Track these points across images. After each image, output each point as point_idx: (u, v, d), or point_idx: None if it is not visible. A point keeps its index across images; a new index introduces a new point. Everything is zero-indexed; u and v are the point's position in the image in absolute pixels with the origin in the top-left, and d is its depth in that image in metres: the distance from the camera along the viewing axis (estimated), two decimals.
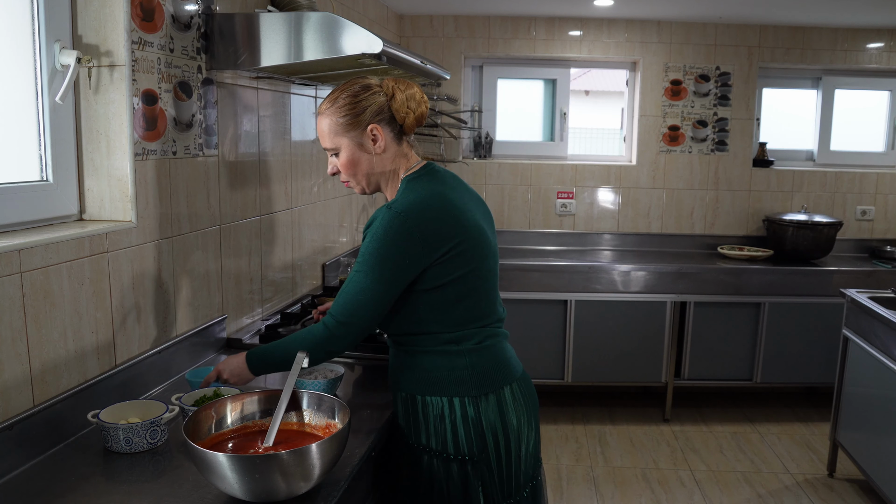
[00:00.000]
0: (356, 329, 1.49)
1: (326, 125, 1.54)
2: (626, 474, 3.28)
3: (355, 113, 1.51)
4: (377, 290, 1.46)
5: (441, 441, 1.52)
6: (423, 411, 1.54)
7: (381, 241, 1.45)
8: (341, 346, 1.50)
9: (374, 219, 1.49)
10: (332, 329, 1.48)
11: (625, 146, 4.39)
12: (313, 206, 2.77)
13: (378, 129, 1.52)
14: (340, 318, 1.48)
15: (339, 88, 1.55)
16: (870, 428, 2.89)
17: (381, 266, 1.45)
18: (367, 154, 1.54)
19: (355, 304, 1.47)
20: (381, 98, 1.53)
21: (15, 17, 1.42)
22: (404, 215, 1.45)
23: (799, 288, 3.77)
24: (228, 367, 1.57)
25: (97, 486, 1.27)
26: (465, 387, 1.51)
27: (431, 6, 3.84)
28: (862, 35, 4.13)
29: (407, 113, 1.54)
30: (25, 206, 1.43)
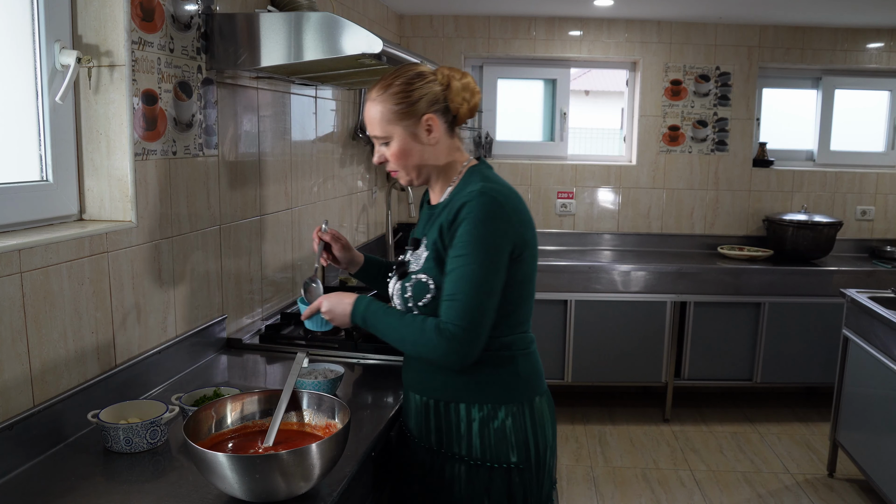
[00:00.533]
0: (486, 330, 1.38)
1: (378, 113, 1.45)
2: (626, 474, 3.28)
3: (410, 101, 1.43)
4: (497, 279, 1.38)
5: (483, 449, 1.46)
6: (461, 419, 1.47)
7: (486, 224, 1.37)
8: (473, 355, 1.39)
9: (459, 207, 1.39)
10: (460, 339, 1.35)
11: (625, 146, 4.39)
12: (313, 206, 2.77)
13: (434, 120, 1.45)
14: (465, 322, 1.35)
15: (391, 74, 1.47)
16: (870, 428, 2.89)
17: (489, 251, 1.36)
18: (420, 145, 1.47)
19: (477, 301, 1.36)
20: (437, 87, 1.46)
21: (15, 17, 1.42)
22: (500, 199, 1.39)
23: (799, 288, 3.77)
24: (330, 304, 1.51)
25: (97, 486, 1.27)
26: (514, 394, 1.46)
27: (431, 6, 3.84)
28: (862, 35, 4.13)
29: (461, 103, 1.47)
30: (25, 206, 1.43)
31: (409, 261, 1.53)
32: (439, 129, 1.47)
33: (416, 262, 1.50)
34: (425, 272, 1.45)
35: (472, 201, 1.38)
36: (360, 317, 1.48)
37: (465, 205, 1.39)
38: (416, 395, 1.54)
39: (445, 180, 1.53)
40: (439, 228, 1.44)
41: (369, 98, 1.47)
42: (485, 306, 1.37)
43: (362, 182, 3.43)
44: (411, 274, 1.48)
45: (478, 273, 1.36)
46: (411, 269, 1.50)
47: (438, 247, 1.44)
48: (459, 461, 1.47)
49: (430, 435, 1.51)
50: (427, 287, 1.44)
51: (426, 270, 1.45)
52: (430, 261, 1.45)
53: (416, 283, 1.45)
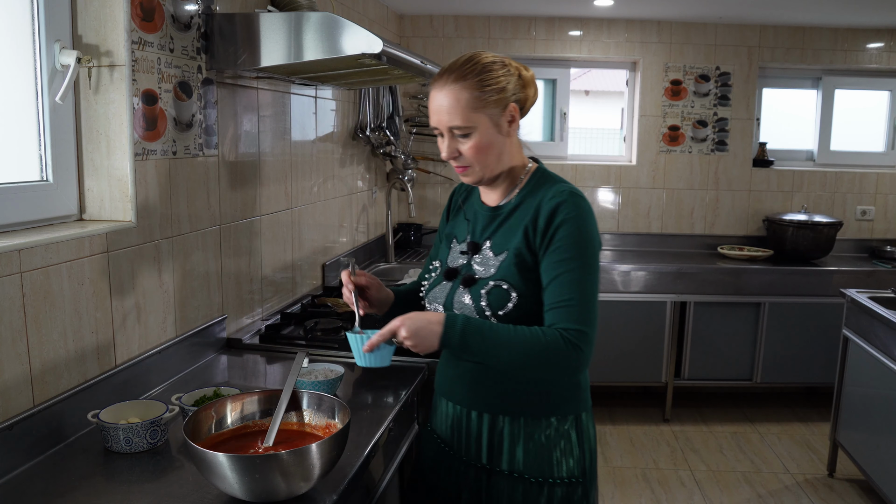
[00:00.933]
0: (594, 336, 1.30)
1: (462, 99, 1.32)
2: (626, 474, 3.27)
3: (497, 88, 1.33)
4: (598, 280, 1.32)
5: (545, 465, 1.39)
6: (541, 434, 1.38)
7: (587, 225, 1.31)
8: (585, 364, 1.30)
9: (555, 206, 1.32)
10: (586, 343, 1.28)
11: (625, 146, 4.39)
12: (313, 206, 2.77)
13: (516, 110, 1.36)
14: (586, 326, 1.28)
15: (461, 64, 1.34)
16: (870, 428, 2.89)
17: (595, 254, 1.32)
18: (502, 136, 1.36)
19: (592, 303, 1.29)
20: (513, 77, 1.36)
21: (15, 17, 1.42)
22: (587, 203, 1.34)
23: (799, 288, 3.77)
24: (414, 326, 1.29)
25: (97, 486, 1.27)
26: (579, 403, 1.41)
27: (431, 6, 3.84)
28: (862, 35, 4.13)
29: (530, 94, 1.39)
30: (25, 206, 1.43)
31: (469, 266, 1.43)
32: (517, 121, 1.39)
33: (485, 267, 1.40)
34: (504, 278, 1.36)
35: (567, 202, 1.32)
36: (457, 336, 1.29)
37: (561, 206, 1.31)
38: (464, 409, 1.45)
39: (511, 180, 1.44)
40: (524, 232, 1.35)
41: (442, 86, 1.34)
42: (596, 308, 1.31)
43: (362, 182, 3.43)
44: (485, 280, 1.38)
45: (588, 276, 1.30)
46: (479, 275, 1.39)
47: (523, 252, 1.35)
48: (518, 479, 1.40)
49: (480, 451, 1.43)
50: (508, 295, 1.34)
51: (506, 277, 1.35)
52: (510, 266, 1.36)
53: (495, 290, 1.35)
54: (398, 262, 3.63)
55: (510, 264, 1.36)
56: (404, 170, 3.72)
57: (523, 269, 1.35)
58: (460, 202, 1.56)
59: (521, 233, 1.35)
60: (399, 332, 1.29)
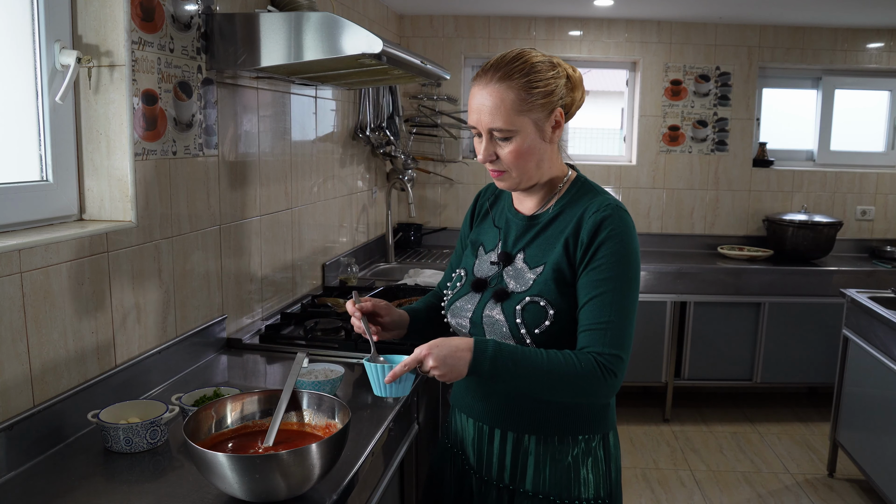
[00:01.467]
0: (627, 360, 1.24)
1: (508, 100, 1.23)
2: (626, 474, 3.27)
3: (548, 90, 1.24)
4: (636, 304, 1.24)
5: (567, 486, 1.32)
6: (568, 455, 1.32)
7: (632, 242, 1.24)
8: (617, 388, 1.24)
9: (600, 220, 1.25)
10: (621, 369, 1.21)
11: (625, 146, 4.39)
12: (313, 206, 2.77)
13: (562, 115, 1.28)
14: (622, 351, 1.22)
15: (508, 61, 1.26)
16: (870, 428, 2.89)
17: (637, 274, 1.25)
18: (543, 143, 1.28)
19: (630, 327, 1.22)
20: (562, 80, 1.28)
21: (15, 17, 1.42)
22: (629, 215, 1.28)
23: (799, 288, 3.77)
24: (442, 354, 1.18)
25: (97, 486, 1.27)
26: (605, 422, 1.35)
27: (431, 6, 3.84)
28: (862, 35, 4.13)
29: (578, 98, 1.31)
30: (25, 206, 1.43)
31: (501, 278, 1.34)
32: (562, 127, 1.30)
33: (519, 281, 1.31)
34: (541, 294, 1.27)
35: (613, 216, 1.24)
36: (487, 363, 1.19)
37: (606, 220, 1.24)
38: (487, 427, 1.38)
39: (549, 189, 1.36)
40: (564, 245, 1.27)
41: (486, 84, 1.25)
42: (631, 332, 1.24)
43: (362, 182, 3.43)
44: (518, 295, 1.29)
45: (628, 297, 1.22)
46: (513, 289, 1.31)
47: (562, 267, 1.26)
48: (543, 500, 1.33)
49: (503, 471, 1.36)
50: (545, 312, 1.25)
51: (543, 293, 1.27)
52: (547, 282, 1.27)
53: (530, 306, 1.27)
54: (398, 262, 3.63)
55: (548, 279, 1.27)
56: (404, 170, 3.72)
57: (561, 284, 1.26)
58: (487, 206, 1.46)
59: (562, 246, 1.27)
60: (426, 362, 1.19)
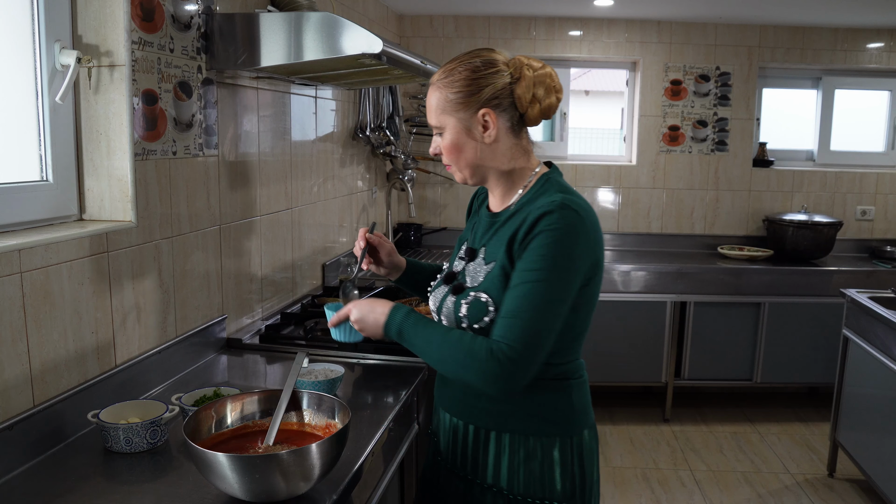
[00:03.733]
0: (542, 358, 1.23)
1: (435, 99, 1.33)
2: (626, 474, 3.27)
3: (469, 91, 1.29)
4: (565, 303, 1.23)
5: (532, 484, 1.33)
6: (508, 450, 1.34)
7: (567, 241, 1.22)
8: (522, 384, 1.23)
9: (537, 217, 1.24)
10: (513, 363, 1.20)
11: (625, 146, 4.39)
12: (313, 206, 2.77)
13: (491, 116, 1.30)
14: (522, 346, 1.20)
15: (458, 59, 1.33)
16: (870, 428, 2.89)
17: (569, 271, 1.22)
18: (474, 141, 1.32)
19: (542, 324, 1.21)
20: (505, 79, 1.30)
21: (15, 17, 1.42)
22: (583, 215, 1.25)
23: (799, 288, 3.77)
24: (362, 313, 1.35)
25: (97, 486, 1.27)
26: (566, 426, 1.35)
27: (431, 6, 3.84)
28: (862, 35, 4.13)
29: (532, 102, 1.31)
30: (25, 206, 1.43)
31: (464, 273, 1.39)
32: (498, 126, 1.32)
33: (473, 276, 1.35)
34: (485, 290, 1.30)
35: (553, 213, 1.23)
36: (395, 329, 1.32)
37: (545, 216, 1.23)
38: (455, 419, 1.41)
39: (511, 186, 1.38)
40: (508, 241, 1.28)
41: (431, 82, 1.36)
42: (547, 331, 1.22)
43: (362, 182, 3.43)
44: (468, 290, 1.33)
45: (547, 293, 1.21)
46: (467, 283, 1.35)
47: (505, 262, 1.28)
48: (498, 494, 1.35)
49: (466, 462, 1.39)
50: (486, 308, 1.28)
51: (487, 289, 1.30)
52: (493, 278, 1.29)
53: (474, 302, 1.30)
54: None
55: (495, 276, 1.30)
56: (404, 170, 3.72)
57: (505, 281, 1.28)
58: (476, 206, 1.52)
59: (506, 242, 1.29)
60: (351, 314, 1.38)
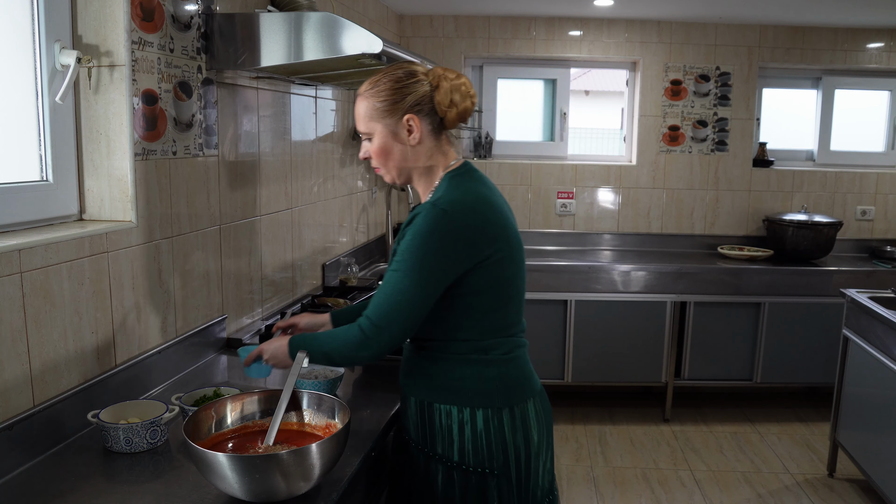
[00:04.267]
0: (390, 334, 1.38)
1: (363, 108, 1.46)
2: (626, 474, 3.28)
3: (394, 100, 1.43)
4: (418, 294, 1.37)
5: (461, 452, 1.45)
6: (442, 420, 1.46)
7: (426, 238, 1.37)
8: (373, 351, 1.40)
9: (414, 214, 1.41)
10: (366, 332, 1.39)
11: (625, 146, 4.39)
12: (313, 206, 2.77)
13: (415, 120, 1.44)
14: (375, 320, 1.38)
15: (382, 71, 1.47)
16: (870, 428, 2.89)
17: (423, 267, 1.37)
18: (401, 144, 1.46)
19: (393, 307, 1.37)
20: (425, 87, 1.44)
21: (15, 17, 1.42)
22: (451, 213, 1.38)
23: (799, 288, 3.77)
24: (270, 348, 1.51)
25: (97, 486, 1.27)
26: (492, 398, 1.45)
27: (431, 6, 3.84)
28: (862, 35, 4.13)
29: (449, 107, 1.45)
30: (25, 206, 1.43)
31: None
32: (421, 130, 1.45)
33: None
34: None
35: (422, 214, 1.39)
36: (295, 344, 1.47)
37: (415, 218, 1.39)
38: (407, 395, 1.54)
39: (428, 184, 1.52)
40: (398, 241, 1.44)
41: (359, 92, 1.48)
42: (399, 310, 1.37)
43: (362, 182, 3.43)
44: None
45: (401, 282, 1.37)
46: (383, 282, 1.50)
47: None
48: (439, 461, 1.47)
49: (423, 437, 1.50)
50: None
51: None
52: None
53: None
54: None
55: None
56: None
57: None
58: None
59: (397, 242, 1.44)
60: (263, 353, 1.51)
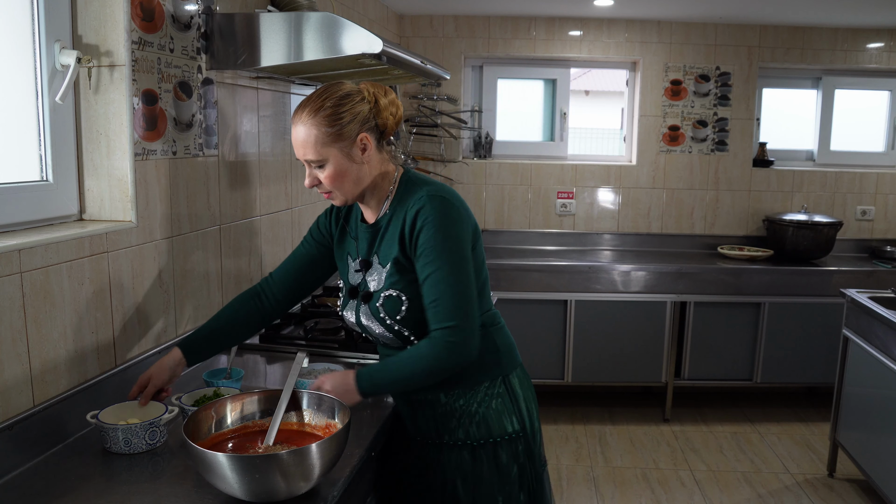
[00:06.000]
0: (473, 327, 1.43)
1: (312, 136, 1.42)
2: (626, 474, 3.28)
3: (343, 123, 1.42)
4: (469, 277, 1.44)
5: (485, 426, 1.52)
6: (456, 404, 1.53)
7: (446, 227, 1.43)
8: (471, 351, 1.43)
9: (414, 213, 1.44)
10: (455, 338, 1.40)
11: (625, 146, 4.39)
12: (313, 206, 2.77)
13: (367, 138, 1.46)
14: (458, 322, 1.40)
15: (318, 96, 1.44)
16: (870, 428, 2.89)
17: (458, 251, 1.43)
18: (356, 164, 1.46)
19: (463, 301, 1.41)
20: (366, 105, 1.46)
21: (15, 17, 1.42)
22: (449, 198, 1.46)
23: (799, 288, 3.77)
24: (332, 381, 1.45)
25: (97, 486, 1.27)
26: (496, 369, 1.55)
27: (431, 6, 3.84)
28: (862, 35, 4.13)
29: (388, 118, 1.49)
30: (25, 206, 1.43)
31: (365, 282, 1.54)
32: (372, 146, 1.47)
33: (376, 281, 1.51)
34: (392, 286, 1.48)
35: (425, 206, 1.43)
36: (366, 382, 1.45)
37: (420, 211, 1.43)
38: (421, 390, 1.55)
39: (381, 194, 1.54)
40: (398, 241, 1.46)
41: (299, 121, 1.44)
42: (466, 299, 1.42)
43: None
44: (377, 293, 1.50)
45: (451, 273, 1.41)
46: (374, 288, 1.52)
47: (400, 259, 1.47)
48: (463, 446, 1.53)
49: (429, 428, 1.55)
50: (399, 300, 1.48)
51: (392, 285, 1.48)
52: (393, 275, 1.48)
53: (387, 299, 1.49)
54: None
55: (393, 272, 1.48)
56: None
57: (404, 273, 1.47)
58: (343, 222, 1.64)
59: (398, 242, 1.47)
60: (323, 387, 1.44)
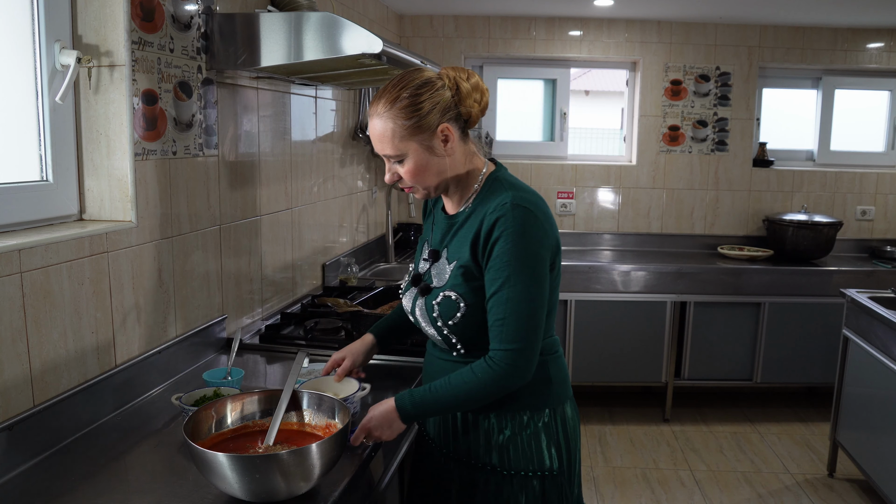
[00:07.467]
0: (538, 344, 1.33)
1: (389, 130, 1.34)
2: (626, 474, 3.27)
3: (422, 114, 1.33)
4: (542, 292, 1.32)
5: (521, 458, 1.42)
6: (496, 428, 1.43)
7: (525, 240, 1.31)
8: (531, 370, 1.34)
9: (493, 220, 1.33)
10: (517, 363, 1.31)
11: (625, 146, 4.39)
12: (313, 206, 2.77)
13: (449, 129, 1.35)
14: (517, 344, 1.31)
15: (394, 85, 1.35)
16: (870, 428, 2.89)
17: (535, 265, 1.31)
18: (438, 157, 1.37)
19: (529, 322, 1.31)
20: (447, 93, 1.35)
21: (15, 17, 1.42)
22: (534, 207, 1.34)
23: (799, 288, 3.77)
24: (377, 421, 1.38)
25: (97, 486, 1.27)
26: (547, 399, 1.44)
27: (431, 6, 3.84)
28: (862, 35, 4.13)
29: (473, 105, 1.38)
30: (25, 206, 1.43)
31: (429, 274, 1.46)
32: (455, 137, 1.38)
33: (439, 277, 1.43)
34: (452, 288, 1.39)
35: (506, 215, 1.32)
36: (409, 408, 1.37)
37: (500, 220, 1.32)
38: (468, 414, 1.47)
39: (465, 189, 1.45)
40: (471, 244, 1.37)
41: (375, 113, 1.36)
42: (534, 322, 1.32)
43: (362, 182, 3.43)
44: (437, 290, 1.42)
45: (523, 292, 1.31)
46: (434, 284, 1.43)
47: (469, 264, 1.37)
48: (491, 472, 1.44)
49: (458, 446, 1.47)
50: (457, 305, 1.38)
51: (454, 287, 1.39)
52: (457, 277, 1.39)
53: (445, 301, 1.39)
54: (398, 261, 3.63)
55: (457, 275, 1.39)
56: None
57: (470, 279, 1.38)
58: (431, 207, 1.59)
59: (469, 244, 1.37)
60: (371, 434, 1.39)
